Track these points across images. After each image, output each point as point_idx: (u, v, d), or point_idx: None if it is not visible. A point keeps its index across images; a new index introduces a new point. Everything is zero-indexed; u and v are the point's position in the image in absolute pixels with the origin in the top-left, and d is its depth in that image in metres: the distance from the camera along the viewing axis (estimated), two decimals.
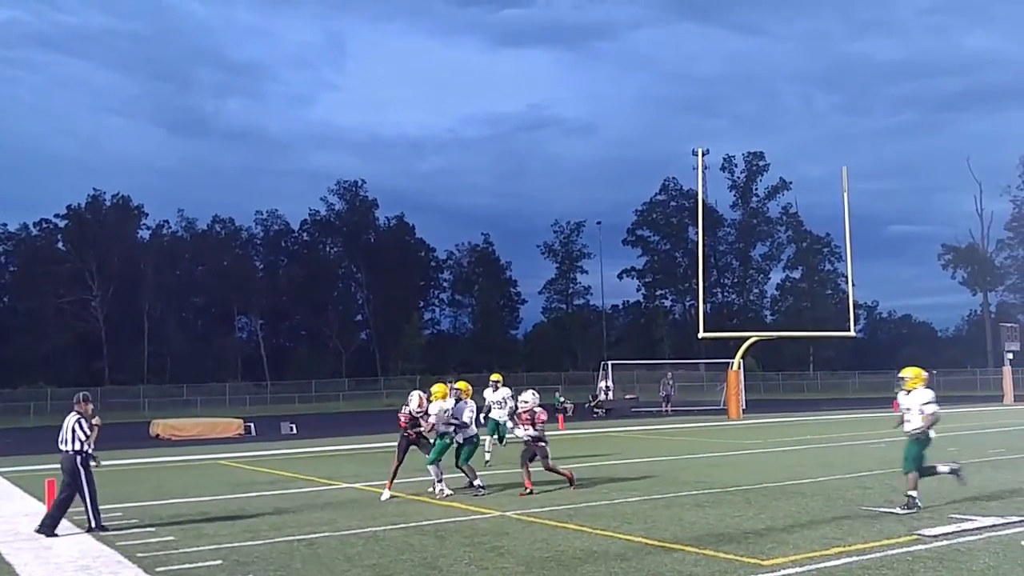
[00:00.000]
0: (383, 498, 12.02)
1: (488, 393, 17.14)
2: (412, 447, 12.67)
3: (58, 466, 9.86)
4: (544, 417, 12.69)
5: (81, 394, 10.45)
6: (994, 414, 32.30)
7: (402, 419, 12.48)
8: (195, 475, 16.74)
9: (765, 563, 7.64)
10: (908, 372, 10.74)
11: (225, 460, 19.86)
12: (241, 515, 11.04)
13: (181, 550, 8.69)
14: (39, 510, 11.81)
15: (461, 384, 13.50)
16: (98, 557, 8.48)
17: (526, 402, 12.77)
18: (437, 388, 12.71)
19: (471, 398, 13.26)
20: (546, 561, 7.91)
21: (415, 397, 12.43)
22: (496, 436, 16.67)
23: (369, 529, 9.82)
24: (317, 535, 9.45)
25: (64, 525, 9.99)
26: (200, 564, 7.97)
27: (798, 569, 7.39)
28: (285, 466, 17.91)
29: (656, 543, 8.65)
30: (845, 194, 33.85)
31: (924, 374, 10.73)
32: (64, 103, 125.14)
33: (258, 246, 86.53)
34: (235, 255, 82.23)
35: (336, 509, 11.46)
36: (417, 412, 12.34)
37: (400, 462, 12.39)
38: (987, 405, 40.26)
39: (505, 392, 16.84)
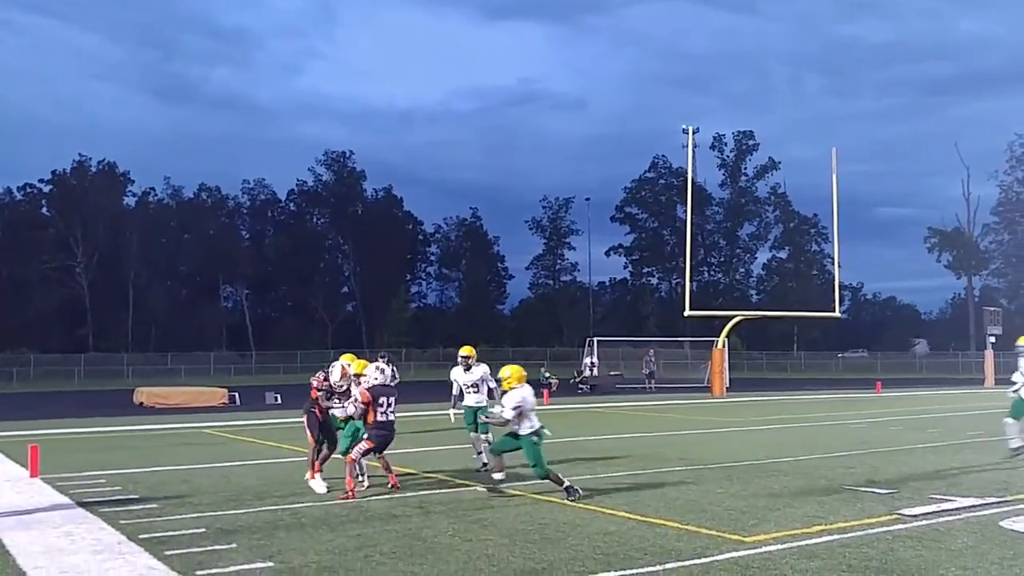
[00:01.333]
0: (318, 490, 10.25)
1: (457, 373, 12.32)
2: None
3: (40, 432, 9.64)
4: None
5: None
6: (975, 397, 32.61)
7: (315, 386, 10.75)
8: (179, 443, 16.72)
9: (747, 539, 7.69)
10: None
11: (209, 429, 19.84)
12: (225, 484, 11.03)
13: (164, 518, 8.68)
14: (22, 475, 11.79)
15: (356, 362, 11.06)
16: (81, 523, 8.46)
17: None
18: (361, 364, 10.95)
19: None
20: (529, 533, 7.95)
21: (337, 368, 10.80)
22: (480, 431, 12.06)
23: (353, 500, 9.83)
24: (301, 505, 9.45)
25: (49, 492, 9.96)
26: (183, 532, 7.97)
27: (780, 546, 7.44)
28: (269, 436, 17.91)
29: (639, 518, 8.69)
30: (834, 176, 33.96)
31: None
32: (48, 67, 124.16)
33: (244, 216, 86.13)
34: (221, 224, 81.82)
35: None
36: (338, 385, 10.73)
37: (318, 441, 10.74)
38: (968, 388, 40.63)
39: (482, 370, 12.29)
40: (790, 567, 6.75)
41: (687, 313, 33.68)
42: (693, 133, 33.11)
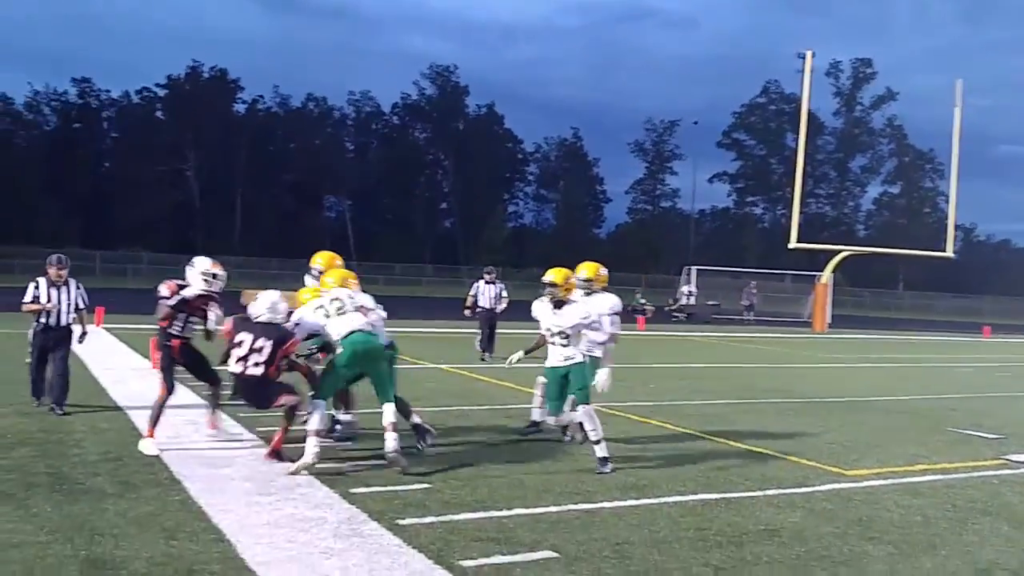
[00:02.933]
0: (147, 451, 7.13)
1: (540, 310, 7.84)
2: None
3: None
4: None
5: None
6: None
7: (166, 302, 7.53)
8: None
9: (848, 473, 7.69)
10: None
11: None
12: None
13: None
14: (144, 365, 12.51)
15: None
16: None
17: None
18: (329, 258, 8.58)
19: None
20: (631, 451, 8.10)
21: (198, 266, 7.82)
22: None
23: (457, 407, 10.14)
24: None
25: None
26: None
27: (881, 482, 7.43)
28: None
29: (739, 445, 8.75)
30: (957, 109, 32.28)
31: None
32: None
33: (349, 127, 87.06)
34: (327, 135, 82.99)
35: (421, 385, 11.71)
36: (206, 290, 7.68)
37: (172, 389, 7.47)
38: None
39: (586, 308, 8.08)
40: (893, 502, 6.74)
41: (792, 245, 32.89)
42: (811, 57, 31.77)
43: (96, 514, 5.39)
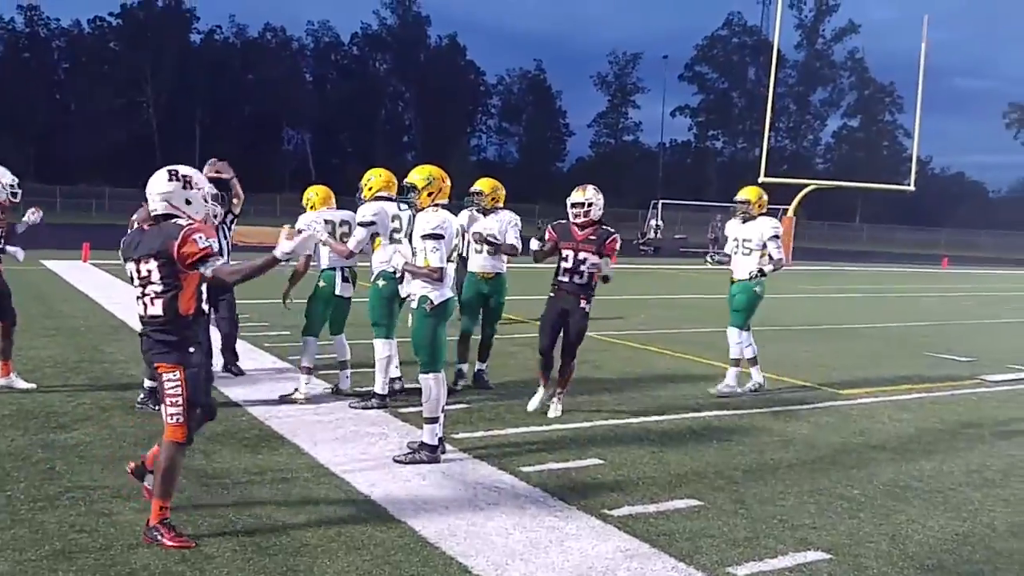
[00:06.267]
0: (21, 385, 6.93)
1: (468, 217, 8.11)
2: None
3: None
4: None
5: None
6: None
7: None
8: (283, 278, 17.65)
9: (842, 392, 8.36)
10: None
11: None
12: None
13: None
14: None
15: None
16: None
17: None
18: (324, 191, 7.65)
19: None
20: (639, 376, 8.69)
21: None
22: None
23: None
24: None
25: None
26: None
27: (874, 399, 8.11)
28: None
29: (737, 369, 9.37)
30: (923, 44, 32.80)
31: None
32: None
33: (308, 58, 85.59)
34: (285, 66, 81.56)
35: None
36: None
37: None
38: None
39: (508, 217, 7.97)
40: (887, 416, 7.43)
41: (761, 179, 33.43)
42: None
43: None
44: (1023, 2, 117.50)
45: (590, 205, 7.03)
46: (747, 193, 8.36)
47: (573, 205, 7.06)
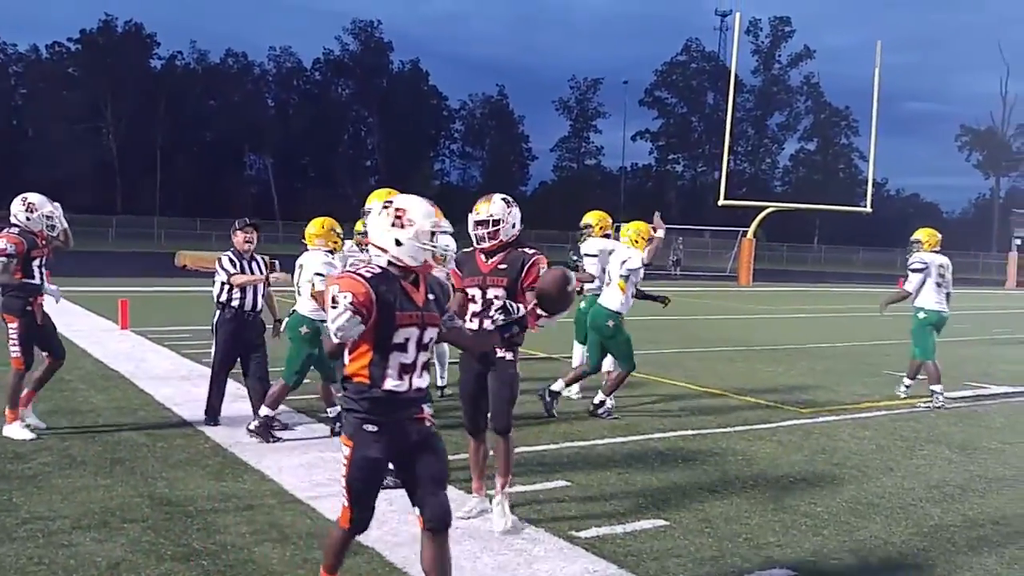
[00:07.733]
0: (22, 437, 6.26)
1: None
2: None
3: (109, 289, 7.07)
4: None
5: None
6: (997, 297, 33.22)
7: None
8: None
9: (804, 411, 8.47)
10: None
11: None
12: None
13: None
14: (111, 327, 12.62)
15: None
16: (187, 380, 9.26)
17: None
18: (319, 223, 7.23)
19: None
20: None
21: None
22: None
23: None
24: None
25: (144, 342, 10.75)
26: None
27: (835, 417, 8.22)
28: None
29: (699, 388, 9.47)
30: (877, 70, 33.57)
31: None
32: None
33: (270, 83, 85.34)
34: (247, 91, 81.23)
35: None
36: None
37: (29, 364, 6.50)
38: (989, 289, 41.15)
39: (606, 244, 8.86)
40: (848, 434, 7.53)
41: (722, 202, 33.97)
42: (726, 16, 32.71)
43: (138, 461, 5.75)
44: (973, 27, 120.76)
45: (496, 223, 4.96)
46: (589, 217, 9.12)
47: (477, 224, 5.00)
